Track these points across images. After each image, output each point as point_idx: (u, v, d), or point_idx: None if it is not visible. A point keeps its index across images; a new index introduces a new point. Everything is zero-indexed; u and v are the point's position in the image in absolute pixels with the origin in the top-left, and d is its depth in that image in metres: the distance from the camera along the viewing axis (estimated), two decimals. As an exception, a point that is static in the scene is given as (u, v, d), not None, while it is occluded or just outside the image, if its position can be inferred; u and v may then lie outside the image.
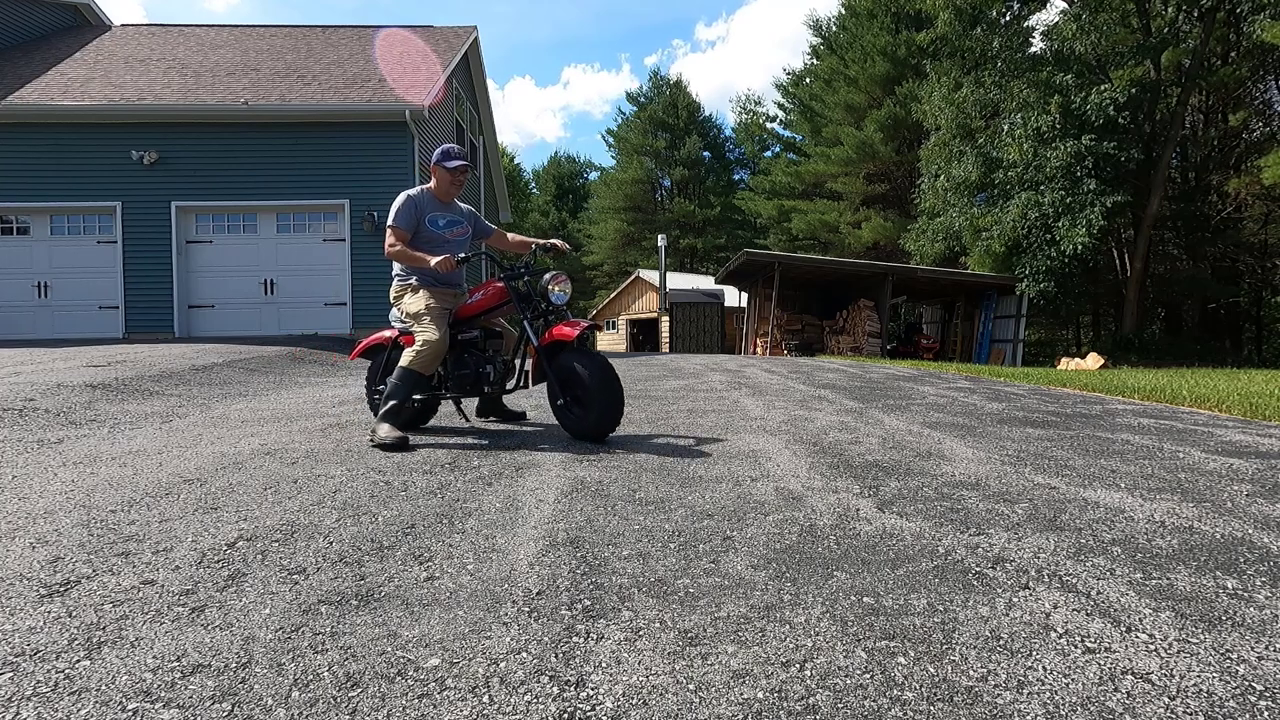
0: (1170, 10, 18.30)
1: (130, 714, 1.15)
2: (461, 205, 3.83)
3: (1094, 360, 14.70)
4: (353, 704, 1.18)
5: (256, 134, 11.33)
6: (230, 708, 1.17)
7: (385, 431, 3.27)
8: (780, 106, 39.00)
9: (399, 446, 3.21)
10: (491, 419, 4.09)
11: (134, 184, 11.24)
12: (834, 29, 32.79)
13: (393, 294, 3.67)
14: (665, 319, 26.78)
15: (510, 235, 3.95)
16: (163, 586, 1.67)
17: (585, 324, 3.30)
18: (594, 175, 51.46)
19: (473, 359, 3.57)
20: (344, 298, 11.46)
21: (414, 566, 1.78)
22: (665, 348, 27.18)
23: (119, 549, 1.92)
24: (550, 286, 3.42)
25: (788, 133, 39.08)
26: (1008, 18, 20.55)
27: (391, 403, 3.36)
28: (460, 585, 1.67)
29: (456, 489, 2.53)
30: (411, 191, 3.64)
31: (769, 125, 41.78)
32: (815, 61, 34.11)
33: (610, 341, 32.61)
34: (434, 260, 3.35)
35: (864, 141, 28.45)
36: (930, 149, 22.34)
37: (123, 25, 15.39)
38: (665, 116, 43.55)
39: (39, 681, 1.25)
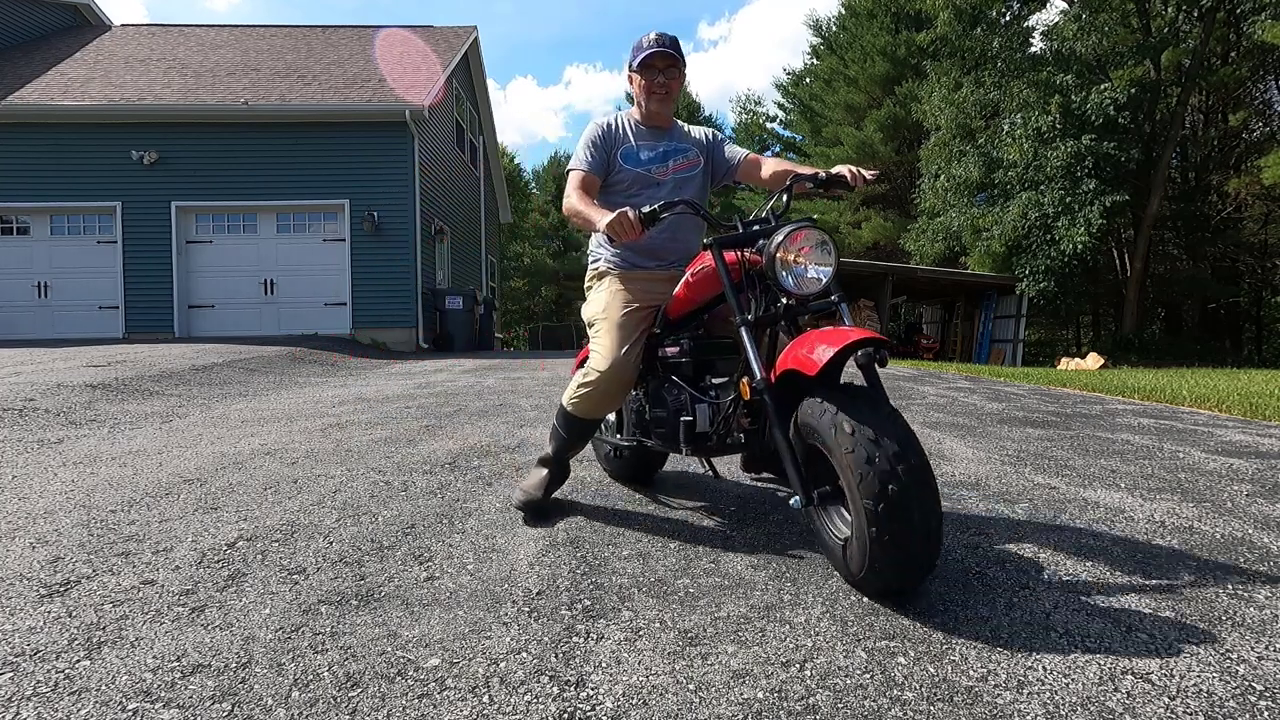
0: (1170, 10, 18.30)
1: (130, 714, 1.15)
2: (689, 127, 2.40)
3: (1094, 360, 14.70)
4: (353, 704, 1.18)
5: (256, 134, 11.34)
6: (230, 708, 1.17)
7: (528, 485, 2.27)
8: (780, 106, 39.03)
9: (532, 512, 2.21)
10: (765, 475, 2.58)
11: (134, 184, 11.25)
12: (834, 29, 32.80)
13: (586, 284, 2.42)
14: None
15: (768, 160, 2.32)
16: (163, 586, 1.67)
17: (860, 333, 1.55)
18: (594, 175, 51.38)
19: (674, 394, 2.08)
20: (344, 298, 11.47)
21: (414, 566, 1.78)
22: (665, 348, 27.10)
23: (119, 549, 1.92)
24: (781, 257, 1.74)
25: (788, 133, 39.10)
26: (1007, 18, 20.54)
27: (548, 450, 2.29)
28: (460, 585, 1.67)
29: (456, 489, 2.53)
30: (604, 117, 2.32)
31: (769, 125, 41.81)
32: (815, 61, 34.12)
33: (610, 341, 32.61)
34: (602, 221, 1.89)
35: (864, 141, 28.46)
36: (930, 149, 22.33)
37: (123, 25, 15.40)
38: (665, 116, 43.51)
39: (39, 681, 1.25)
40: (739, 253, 1.88)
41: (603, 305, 2.16)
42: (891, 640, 1.39)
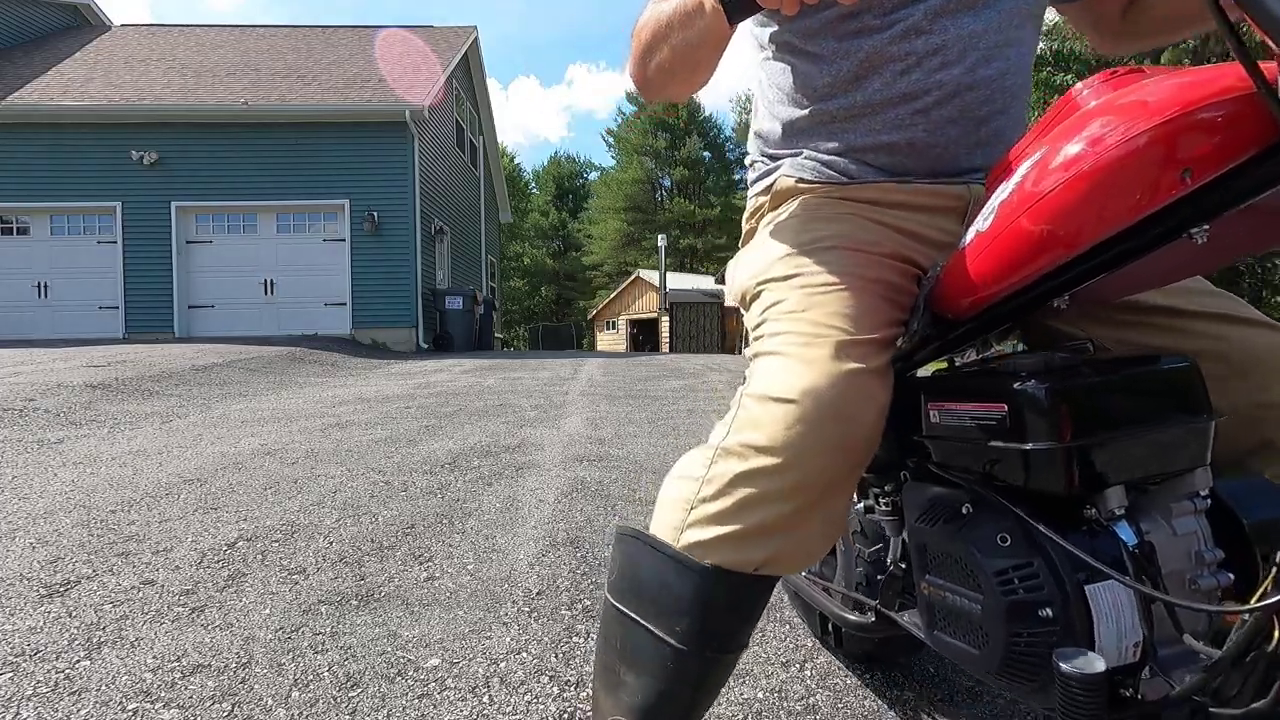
0: (1170, 10, 18.31)
1: (130, 714, 1.15)
2: None
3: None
4: (353, 704, 1.18)
5: (256, 134, 11.34)
6: (230, 708, 1.17)
7: None
8: (780, 106, 39.05)
9: None
10: None
11: (134, 184, 11.25)
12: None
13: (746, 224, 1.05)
14: (665, 319, 26.79)
15: None
16: (163, 586, 1.67)
17: None
18: (594, 175, 51.49)
19: (988, 545, 0.69)
20: (344, 298, 11.46)
21: (414, 566, 1.78)
22: (665, 348, 27.18)
23: (119, 549, 1.92)
24: None
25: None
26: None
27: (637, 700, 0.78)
28: (460, 585, 1.67)
29: (456, 489, 2.53)
30: None
31: (769, 125, 41.87)
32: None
33: (610, 342, 32.61)
34: None
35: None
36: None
37: (122, 25, 15.40)
38: (665, 116, 43.56)
39: (39, 681, 1.25)
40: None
41: (789, 268, 0.84)
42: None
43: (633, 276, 31.87)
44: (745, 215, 1.03)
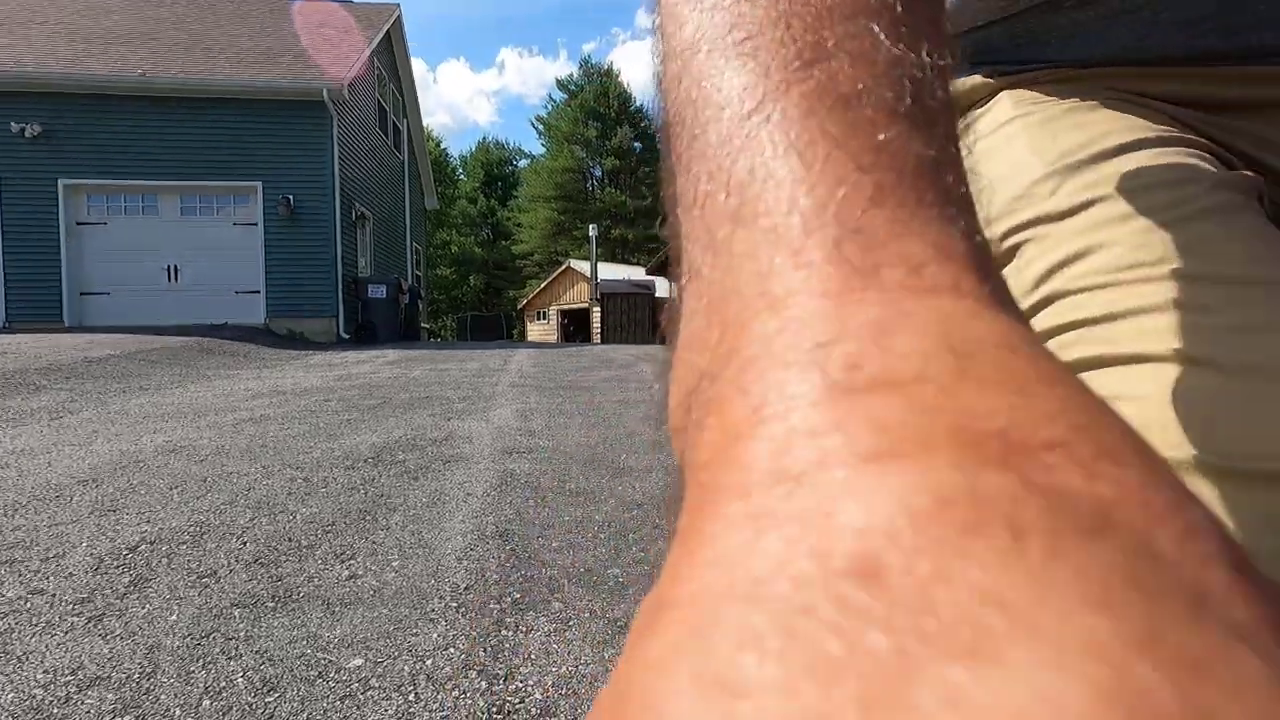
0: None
1: (18, 734, 1.07)
2: None
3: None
4: (270, 709, 1.13)
5: (156, 108, 10.56)
6: (133, 721, 1.10)
7: None
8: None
9: None
10: None
11: (14, 159, 10.28)
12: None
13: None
14: (596, 309, 26.76)
15: None
16: (54, 596, 1.55)
17: None
18: (524, 163, 50.72)
19: None
20: (258, 286, 10.87)
21: (335, 565, 1.73)
22: (597, 338, 27.16)
23: (1, 557, 1.77)
24: None
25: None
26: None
27: None
28: (385, 583, 1.63)
29: (380, 484, 2.46)
30: None
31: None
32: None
33: (541, 332, 32.33)
34: None
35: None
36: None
37: (-2, -17, 14.00)
38: (596, 105, 43.34)
39: (-91, 704, 1.14)
40: None
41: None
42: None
43: (563, 266, 31.63)
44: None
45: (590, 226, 27.87)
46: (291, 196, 10.71)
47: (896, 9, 0.15)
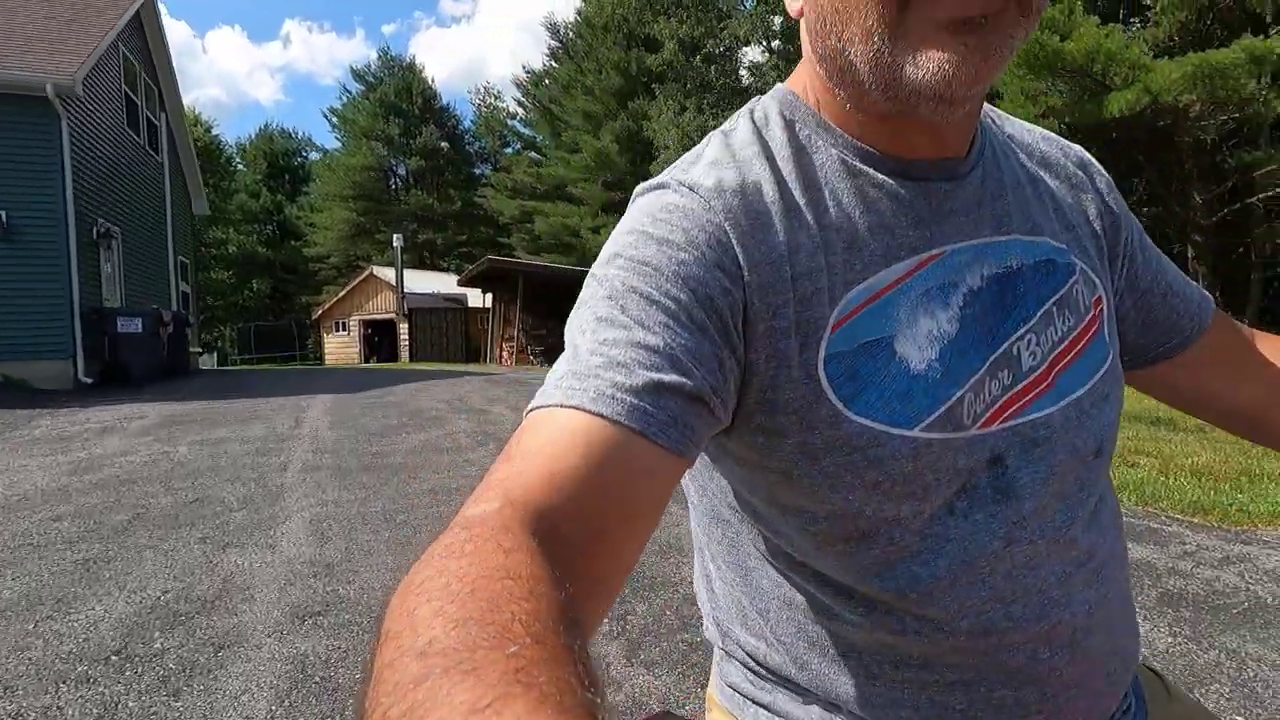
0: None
1: None
2: (1019, 155, 0.59)
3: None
4: None
5: None
6: None
7: None
8: (520, 104, 38.94)
9: None
10: None
11: None
12: (571, 36, 33.57)
13: None
14: (404, 324, 25.22)
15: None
16: None
17: None
18: (315, 156, 46.28)
19: None
20: (-45, 319, 8.69)
21: None
22: (404, 353, 25.61)
23: None
24: None
25: (529, 131, 39.23)
26: (721, 49, 23.01)
27: None
28: None
29: (125, 713, 1.99)
30: (696, 167, 0.52)
31: (510, 121, 41.54)
32: (555, 65, 34.62)
33: (341, 346, 29.72)
34: None
35: (601, 150, 29.63)
36: (659, 167, 24.20)
37: None
38: (398, 100, 40.75)
39: None
40: None
41: None
42: None
43: (365, 273, 29.34)
44: None
45: (395, 236, 26.16)
46: (5, 214, 8.73)
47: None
